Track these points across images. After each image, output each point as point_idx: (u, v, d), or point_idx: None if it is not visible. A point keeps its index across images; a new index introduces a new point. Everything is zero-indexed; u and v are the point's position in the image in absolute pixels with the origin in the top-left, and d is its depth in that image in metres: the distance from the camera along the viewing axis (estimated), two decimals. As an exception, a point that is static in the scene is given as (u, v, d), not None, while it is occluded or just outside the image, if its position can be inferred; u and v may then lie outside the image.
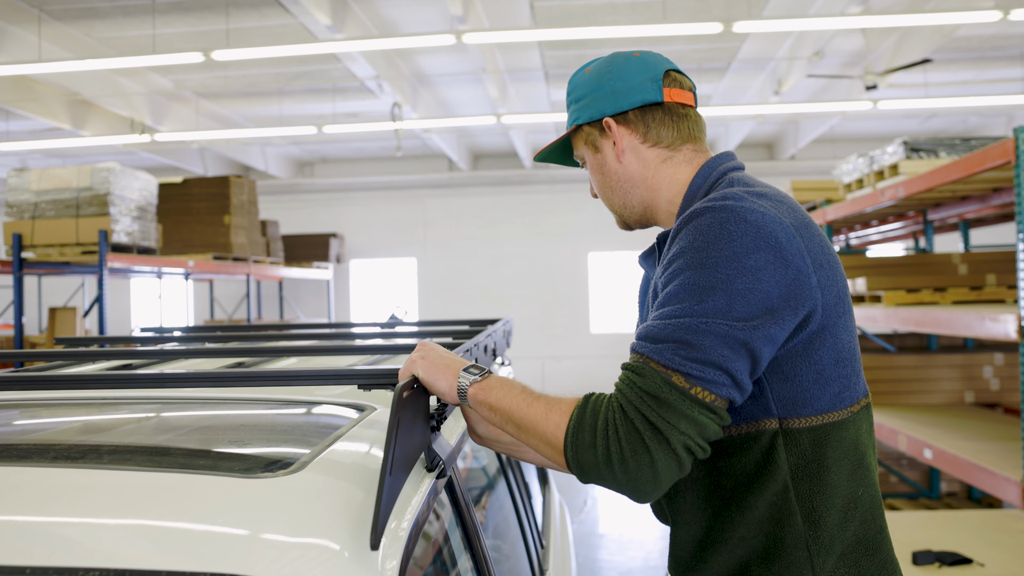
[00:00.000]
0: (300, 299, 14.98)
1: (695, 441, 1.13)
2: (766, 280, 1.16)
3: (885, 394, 6.36)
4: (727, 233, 1.18)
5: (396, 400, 1.01)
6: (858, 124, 12.86)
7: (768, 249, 1.17)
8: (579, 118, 1.45)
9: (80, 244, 7.89)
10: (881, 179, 6.00)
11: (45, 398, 1.67)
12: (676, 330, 1.15)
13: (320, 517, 0.99)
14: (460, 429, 1.64)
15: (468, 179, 14.77)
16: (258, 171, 14.71)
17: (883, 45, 9.14)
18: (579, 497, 7.86)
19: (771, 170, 14.21)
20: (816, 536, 1.24)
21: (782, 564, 1.25)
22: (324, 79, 10.10)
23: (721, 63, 10.03)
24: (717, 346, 1.14)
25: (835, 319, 1.25)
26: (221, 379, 1.42)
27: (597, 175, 1.48)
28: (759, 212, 1.20)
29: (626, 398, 1.15)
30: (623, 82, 1.40)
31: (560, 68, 10.03)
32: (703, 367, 1.13)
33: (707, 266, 1.17)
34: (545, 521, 2.71)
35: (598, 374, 14.22)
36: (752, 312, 1.15)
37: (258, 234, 11.09)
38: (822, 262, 1.24)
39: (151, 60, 7.67)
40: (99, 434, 1.38)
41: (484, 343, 2.15)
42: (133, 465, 1.11)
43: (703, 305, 1.15)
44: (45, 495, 1.04)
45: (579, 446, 1.15)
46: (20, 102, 9.46)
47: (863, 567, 1.26)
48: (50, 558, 0.90)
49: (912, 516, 4.20)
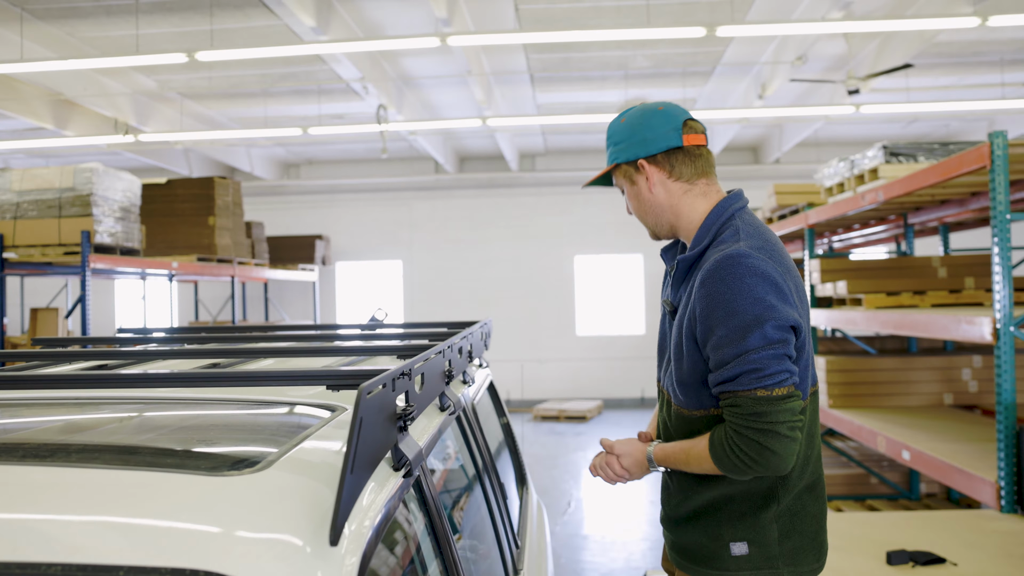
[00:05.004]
0: (286, 301, 14.94)
1: (793, 420, 1.71)
2: (779, 309, 1.72)
3: (865, 396, 6.41)
4: (746, 285, 1.71)
5: (359, 399, 1.02)
6: (842, 128, 12.96)
7: (773, 289, 1.72)
8: (618, 158, 1.94)
9: (63, 245, 7.85)
10: (861, 183, 6.05)
11: (17, 398, 1.68)
12: (739, 365, 1.71)
13: (284, 514, 1.01)
14: (431, 430, 1.66)
15: (454, 181, 14.78)
16: (243, 172, 14.67)
17: (865, 50, 9.22)
18: (563, 500, 7.88)
19: (756, 173, 14.29)
20: (784, 480, 1.83)
21: (758, 496, 1.83)
22: (309, 80, 10.09)
23: (706, 67, 10.09)
24: (770, 360, 1.70)
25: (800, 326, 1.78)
26: (193, 379, 1.43)
27: (634, 201, 1.98)
28: (763, 263, 1.74)
29: (734, 425, 1.73)
30: (652, 132, 1.88)
31: (545, 71, 10.06)
32: (770, 375, 1.70)
33: (738, 312, 1.71)
34: (521, 522, 2.72)
35: (583, 375, 14.26)
36: (779, 331, 1.71)
37: (243, 236, 11.06)
38: (798, 292, 1.80)
39: (135, 60, 7.64)
40: (69, 434, 1.39)
41: (459, 345, 2.17)
42: (100, 463, 1.12)
43: (748, 341, 1.70)
44: (11, 492, 1.04)
45: (726, 467, 1.75)
46: (2, 101, 9.40)
47: (806, 501, 1.87)
48: (13, 554, 0.91)
49: (889, 516, 4.23)
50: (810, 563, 1.88)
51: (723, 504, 1.85)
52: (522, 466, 3.27)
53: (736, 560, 1.84)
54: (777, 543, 1.83)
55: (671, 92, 11.11)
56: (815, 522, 1.89)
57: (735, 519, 1.84)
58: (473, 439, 2.26)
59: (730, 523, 1.85)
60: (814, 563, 1.89)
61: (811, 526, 1.87)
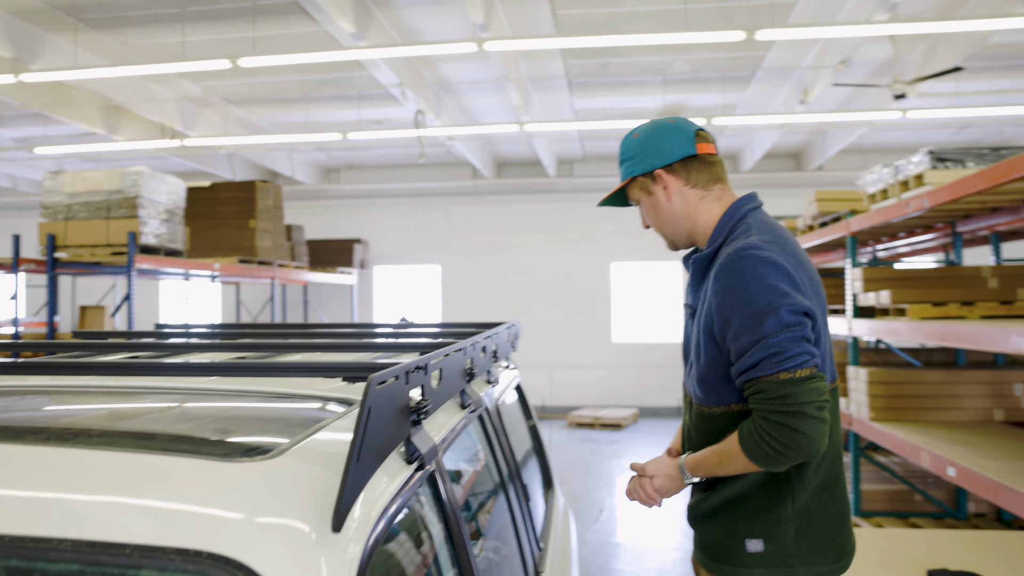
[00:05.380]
0: (324, 304, 15.10)
1: (819, 400, 1.70)
2: (791, 295, 1.74)
3: (909, 409, 6.25)
4: (756, 274, 1.74)
5: (367, 389, 1.03)
6: (888, 135, 12.72)
7: (785, 278, 1.75)
8: (634, 171, 2.00)
9: (110, 245, 8.04)
10: (906, 189, 5.92)
11: (46, 385, 1.71)
12: (759, 351, 1.72)
13: (292, 500, 1.02)
14: (449, 426, 1.65)
15: (492, 187, 14.82)
16: (285, 177, 14.87)
17: (913, 53, 9.04)
18: (595, 507, 7.83)
19: (797, 181, 14.09)
20: (799, 476, 1.84)
21: (772, 492, 1.84)
22: (349, 86, 10.20)
23: (746, 72, 9.99)
24: (789, 343, 1.71)
25: (814, 317, 1.80)
26: (210, 369, 1.45)
27: (651, 212, 2.03)
28: (774, 254, 1.77)
29: (761, 412, 1.72)
30: (667, 142, 1.95)
31: (583, 76, 10.04)
32: (791, 358, 1.70)
33: (752, 301, 1.73)
34: (546, 525, 2.71)
35: (619, 383, 14.16)
36: (794, 315, 1.73)
37: (283, 238, 11.22)
38: (810, 283, 1.84)
39: (181, 67, 7.81)
40: (91, 419, 1.41)
41: (483, 344, 2.17)
42: (117, 447, 1.14)
43: (764, 327, 1.71)
44: (30, 471, 1.07)
45: (758, 457, 1.74)
46: (57, 107, 9.67)
47: (824, 500, 1.87)
48: (27, 528, 0.93)
49: (931, 534, 4.12)
50: (828, 564, 1.86)
51: (740, 501, 1.87)
52: (549, 469, 3.25)
53: (751, 557, 1.86)
54: (793, 541, 1.84)
55: (710, 98, 11.03)
56: (834, 522, 1.88)
57: (751, 516, 1.86)
58: (496, 439, 2.26)
59: (747, 520, 1.86)
60: (833, 564, 1.87)
61: (830, 526, 1.87)
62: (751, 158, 13.33)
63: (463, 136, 11.84)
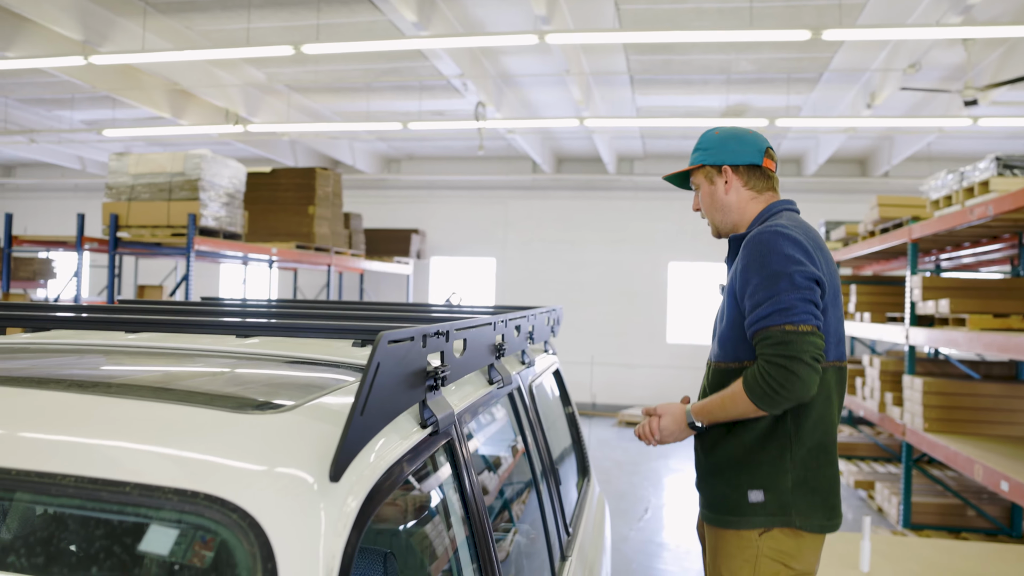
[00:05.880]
0: (380, 292, 15.27)
1: (815, 352, 1.99)
2: (805, 264, 2.04)
3: (965, 422, 6.06)
4: (778, 245, 2.06)
5: (376, 344, 1.03)
6: (957, 142, 12.32)
7: (802, 252, 2.06)
8: (705, 160, 2.32)
9: (171, 226, 8.24)
10: (971, 196, 5.73)
11: (72, 343, 1.76)
12: (771, 306, 2.01)
13: (295, 451, 1.02)
14: (472, 398, 1.65)
15: (551, 182, 14.79)
16: (346, 165, 15.07)
17: (987, 58, 8.74)
18: (640, 505, 7.76)
19: (862, 187, 13.76)
20: (798, 432, 2.10)
21: (774, 447, 2.09)
22: (411, 76, 10.29)
23: (812, 73, 9.77)
24: (797, 302, 2.00)
25: (828, 304, 2.11)
26: (231, 328, 1.47)
27: (707, 199, 2.36)
28: (795, 234, 2.09)
29: (765, 356, 2.00)
30: (741, 147, 2.29)
31: (646, 73, 9.95)
32: (797, 314, 1.99)
33: (770, 265, 2.04)
34: (577, 511, 2.69)
35: (672, 383, 14.01)
36: (805, 280, 2.03)
37: (341, 226, 11.36)
38: (826, 268, 2.12)
39: (245, 52, 7.97)
40: (113, 373, 1.45)
41: (516, 323, 2.16)
42: (133, 396, 1.16)
43: (778, 287, 2.02)
44: (46, 414, 1.10)
45: (757, 395, 2.01)
46: (125, 90, 9.95)
47: (820, 460, 2.11)
48: (34, 463, 0.95)
49: (978, 547, 3.99)
50: (821, 519, 2.10)
51: (742, 456, 2.12)
52: (585, 458, 3.23)
53: (753, 507, 2.09)
54: (791, 492, 2.08)
55: (775, 99, 10.82)
56: (827, 483, 2.12)
57: (753, 469, 2.10)
58: (527, 420, 2.24)
59: (748, 472, 2.11)
60: (824, 520, 2.11)
61: (823, 485, 2.11)
62: (815, 162, 13.05)
63: (523, 129, 11.83)
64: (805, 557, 2.10)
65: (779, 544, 2.07)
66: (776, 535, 2.08)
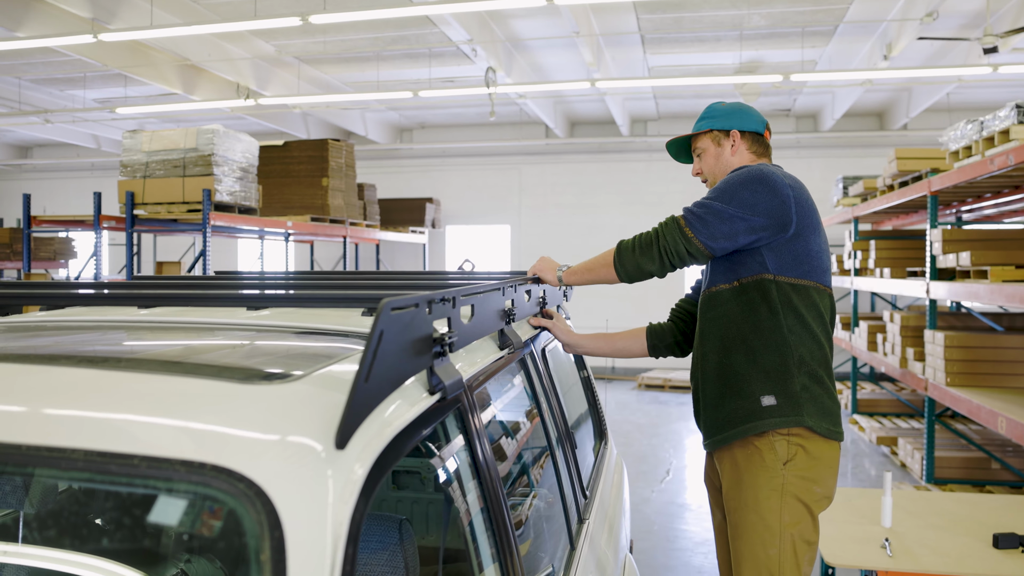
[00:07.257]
0: (396, 262, 15.29)
1: (673, 257, 2.34)
2: (759, 198, 2.26)
3: (988, 375, 6.02)
4: (744, 176, 2.31)
5: (379, 311, 1.02)
6: (977, 92, 12.07)
7: (764, 186, 2.28)
8: (714, 126, 2.55)
9: (186, 203, 8.26)
10: (991, 146, 5.64)
11: (83, 320, 1.77)
12: (699, 208, 2.31)
13: (302, 420, 1.02)
14: (481, 364, 1.65)
15: (564, 147, 14.68)
16: (358, 136, 15.02)
17: (1007, 4, 8.53)
18: (661, 468, 7.80)
19: (881, 141, 13.55)
20: (800, 356, 2.27)
21: (775, 357, 2.26)
22: (420, 44, 10.19)
23: (827, 26, 9.58)
24: (712, 218, 2.27)
25: (807, 233, 2.30)
26: (240, 300, 1.47)
27: (712, 160, 2.57)
28: (768, 168, 2.33)
29: (656, 228, 2.37)
30: (749, 117, 2.55)
31: (657, 32, 9.79)
32: (701, 228, 2.28)
33: (729, 186, 2.31)
34: (595, 474, 2.69)
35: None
36: (743, 207, 2.25)
37: (355, 197, 11.35)
38: (804, 204, 2.31)
39: (253, 24, 7.91)
40: (122, 347, 1.45)
41: (527, 287, 2.15)
42: (141, 370, 1.17)
43: (720, 199, 2.28)
44: (55, 389, 1.10)
45: (621, 249, 2.39)
46: (136, 68, 9.94)
47: (821, 376, 2.29)
48: (43, 438, 0.96)
49: (1000, 499, 3.97)
50: (828, 424, 2.27)
51: (748, 370, 2.29)
52: (602, 422, 3.23)
53: (767, 409, 2.25)
54: (799, 395, 2.24)
55: (789, 53, 10.63)
56: (830, 399, 2.30)
57: (762, 377, 2.27)
58: (540, 385, 2.24)
59: (759, 381, 2.27)
60: (832, 426, 2.28)
61: (825, 400, 2.29)
62: (831, 117, 12.85)
63: (534, 93, 11.72)
64: (824, 478, 2.25)
65: (801, 467, 2.22)
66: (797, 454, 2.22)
